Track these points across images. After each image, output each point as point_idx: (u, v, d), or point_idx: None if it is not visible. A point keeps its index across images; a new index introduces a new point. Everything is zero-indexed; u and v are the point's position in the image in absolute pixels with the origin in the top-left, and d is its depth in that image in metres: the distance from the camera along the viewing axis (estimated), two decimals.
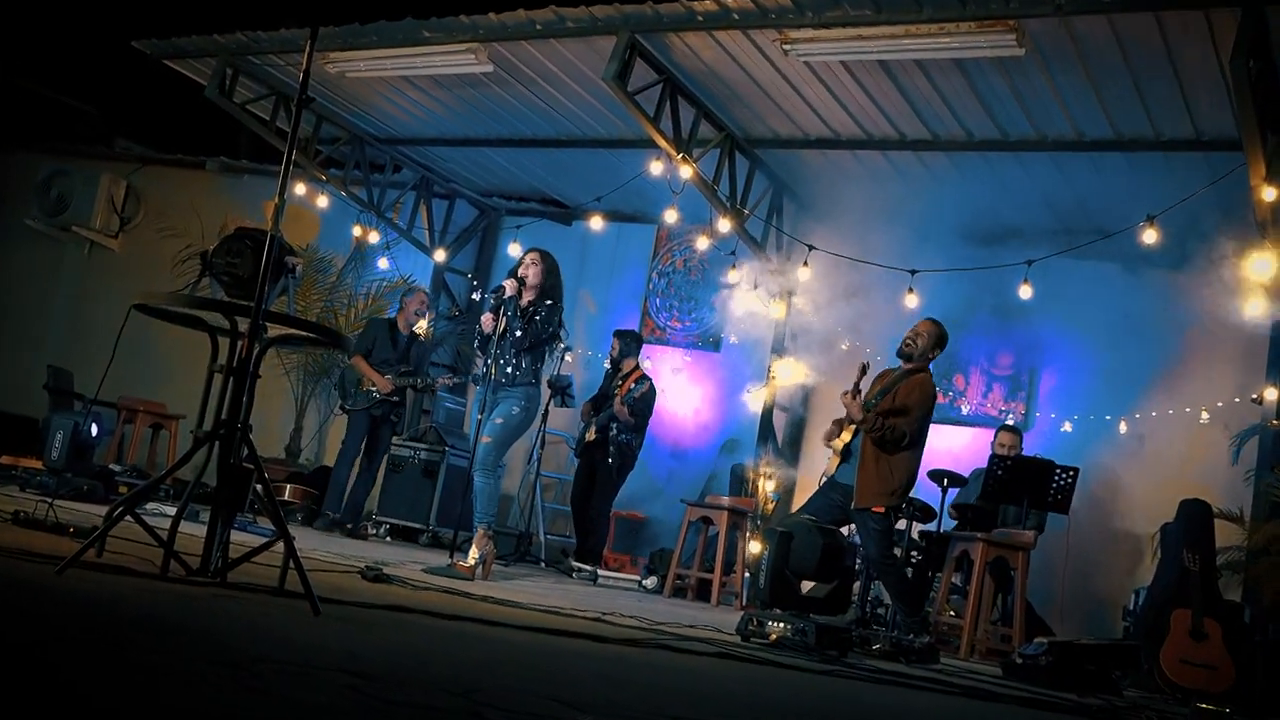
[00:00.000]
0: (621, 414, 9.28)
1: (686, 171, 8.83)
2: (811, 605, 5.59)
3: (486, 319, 6.90)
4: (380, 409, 9.48)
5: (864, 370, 6.99)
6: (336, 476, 9.47)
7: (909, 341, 7.06)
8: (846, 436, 7.00)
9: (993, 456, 8.09)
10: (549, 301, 6.91)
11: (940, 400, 10.09)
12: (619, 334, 9.87)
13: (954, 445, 9.78)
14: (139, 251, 13.47)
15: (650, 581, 8.98)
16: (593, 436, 9.40)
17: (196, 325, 3.91)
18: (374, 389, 9.44)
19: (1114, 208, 8.79)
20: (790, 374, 10.31)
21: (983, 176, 9.24)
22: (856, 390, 6.91)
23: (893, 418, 6.79)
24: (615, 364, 9.74)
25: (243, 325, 3.67)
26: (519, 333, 6.81)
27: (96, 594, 3.06)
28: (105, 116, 16.13)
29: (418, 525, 9.93)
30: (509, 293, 6.87)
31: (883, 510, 6.78)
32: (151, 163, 13.99)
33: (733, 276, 10.23)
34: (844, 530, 6.72)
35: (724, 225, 9.47)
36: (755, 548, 8.47)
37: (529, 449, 10.00)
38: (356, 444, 9.47)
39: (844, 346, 10.12)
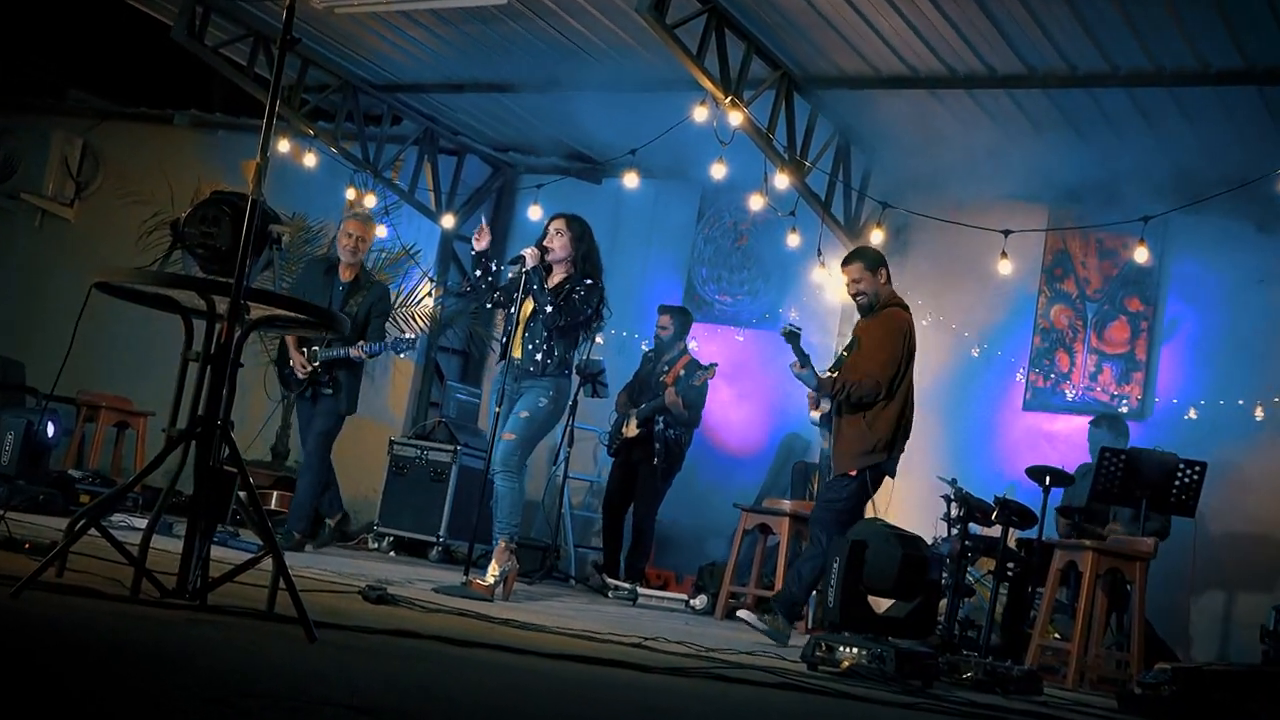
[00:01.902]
0: (675, 404, 9.28)
1: (736, 118, 8.80)
2: (890, 627, 5.58)
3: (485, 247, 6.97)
4: (309, 388, 8.52)
5: (791, 337, 7.16)
6: (304, 485, 8.54)
7: (856, 293, 7.20)
8: (825, 406, 7.11)
9: (1103, 450, 8.04)
10: (588, 281, 6.92)
11: (1040, 384, 10.13)
12: (669, 310, 9.83)
13: (1057, 437, 9.72)
14: (99, 221, 13.58)
15: (699, 601, 8.99)
16: (634, 432, 9.40)
17: (167, 306, 3.94)
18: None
19: (1247, 153, 8.67)
20: None
21: (1089, 118, 9.15)
22: (805, 358, 7.09)
23: (856, 374, 6.97)
24: (661, 345, 9.72)
25: (221, 305, 3.70)
26: (549, 309, 6.82)
27: (58, 619, 3.10)
28: (57, 64, 16.26)
29: (426, 537, 9.99)
30: (530, 263, 6.88)
31: (854, 472, 6.93)
32: (111, 118, 14.09)
33: (792, 241, 10.20)
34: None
35: (781, 181, 9.43)
36: None
37: (554, 448, 10.02)
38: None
39: (925, 322, 10.07)
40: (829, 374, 7.13)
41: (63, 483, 8.43)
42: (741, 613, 6.80)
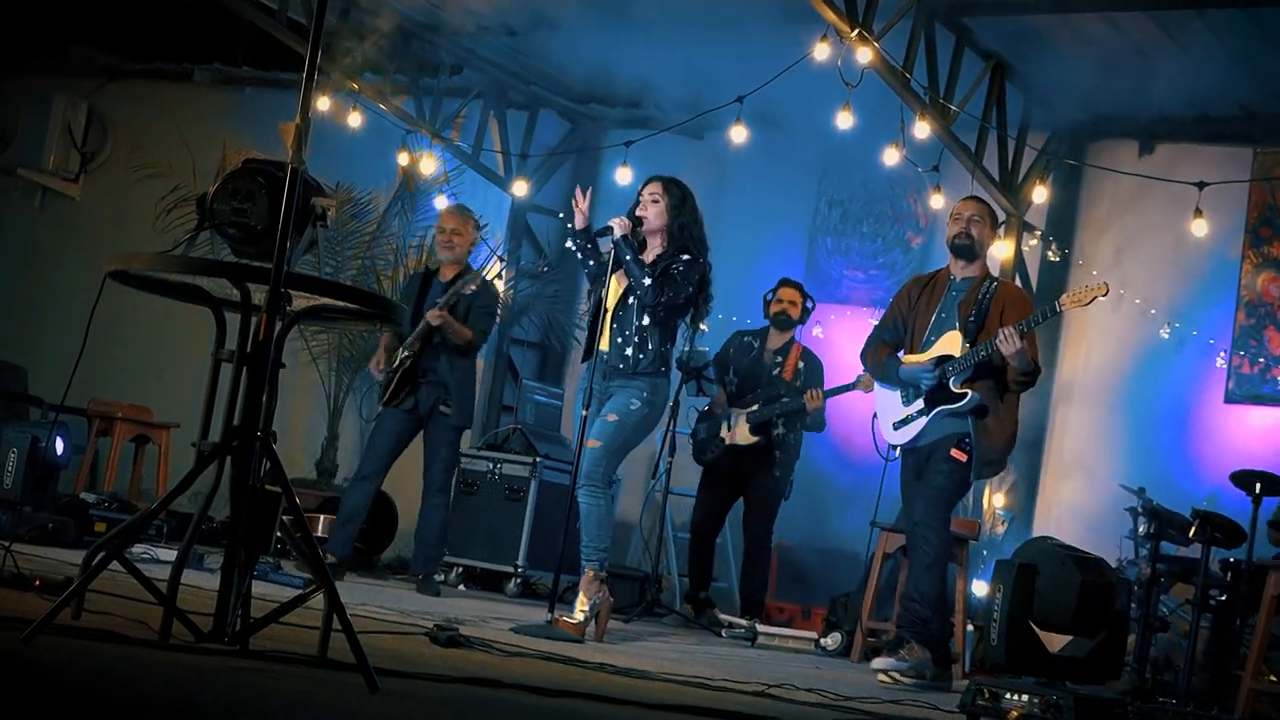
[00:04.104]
0: (818, 409, 9.28)
1: (865, 55, 8.74)
2: (1067, 668, 5.53)
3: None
4: (422, 400, 8.77)
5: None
6: (350, 501, 8.84)
7: (968, 232, 7.15)
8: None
9: None
10: (686, 256, 6.90)
11: (1246, 369, 9.97)
12: (794, 285, 9.74)
13: (1267, 433, 9.57)
14: (109, 198, 13.80)
15: (831, 640, 8.95)
16: (749, 438, 9.33)
17: (194, 297, 4.00)
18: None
19: None
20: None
21: None
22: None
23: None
24: (783, 329, 9.67)
25: (259, 295, 3.74)
26: (646, 282, 6.81)
27: (76, 668, 3.16)
28: (55, 16, 16.55)
29: (502, 568, 10.04)
30: (618, 234, 6.89)
31: (966, 457, 6.95)
32: (121, 76, 14.29)
33: (936, 202, 10.12)
34: None
35: (922, 129, 9.37)
36: (982, 589, 8.40)
37: (652, 457, 10.02)
38: (380, 455, 8.85)
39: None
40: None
41: (75, 508, 8.56)
42: (877, 663, 6.72)
